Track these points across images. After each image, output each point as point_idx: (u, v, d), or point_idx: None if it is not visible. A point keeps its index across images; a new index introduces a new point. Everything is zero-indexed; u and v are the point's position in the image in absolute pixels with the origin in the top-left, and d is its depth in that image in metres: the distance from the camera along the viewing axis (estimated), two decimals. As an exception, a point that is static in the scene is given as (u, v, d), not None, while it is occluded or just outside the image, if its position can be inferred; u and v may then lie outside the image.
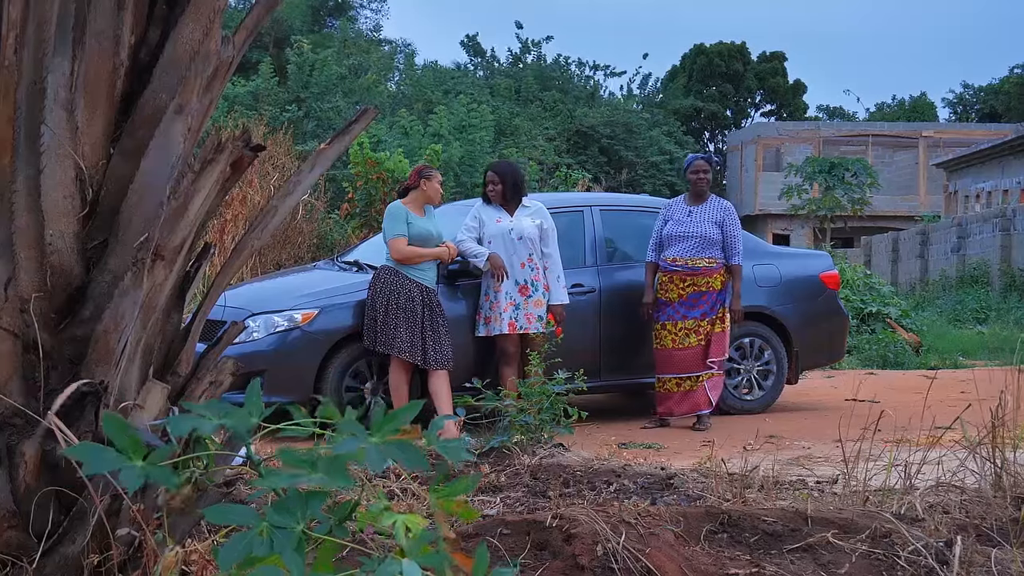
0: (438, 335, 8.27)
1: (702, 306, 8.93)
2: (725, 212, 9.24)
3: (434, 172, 8.62)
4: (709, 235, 9.07)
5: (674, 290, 9.02)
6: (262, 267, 15.47)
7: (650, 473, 5.56)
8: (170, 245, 2.93)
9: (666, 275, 9.09)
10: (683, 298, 8.99)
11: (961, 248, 31.08)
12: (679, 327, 8.94)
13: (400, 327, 8.14)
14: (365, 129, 3.67)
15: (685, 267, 9.05)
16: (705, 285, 9.02)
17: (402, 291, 8.22)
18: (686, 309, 8.94)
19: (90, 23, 2.89)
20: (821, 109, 67.48)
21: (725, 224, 9.16)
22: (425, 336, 8.20)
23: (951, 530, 3.97)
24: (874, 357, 15.35)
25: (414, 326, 8.16)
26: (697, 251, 9.07)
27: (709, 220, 9.15)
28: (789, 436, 8.26)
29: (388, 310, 8.18)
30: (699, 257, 9.06)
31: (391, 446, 2.12)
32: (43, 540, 2.77)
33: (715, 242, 9.11)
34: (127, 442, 2.21)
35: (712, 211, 9.22)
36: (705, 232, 9.07)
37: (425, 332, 8.20)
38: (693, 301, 8.97)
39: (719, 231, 9.13)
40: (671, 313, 8.99)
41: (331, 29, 47.13)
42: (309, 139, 27.78)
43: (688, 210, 9.25)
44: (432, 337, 8.22)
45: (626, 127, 45.18)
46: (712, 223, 9.13)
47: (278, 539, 2.06)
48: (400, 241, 8.31)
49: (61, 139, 2.83)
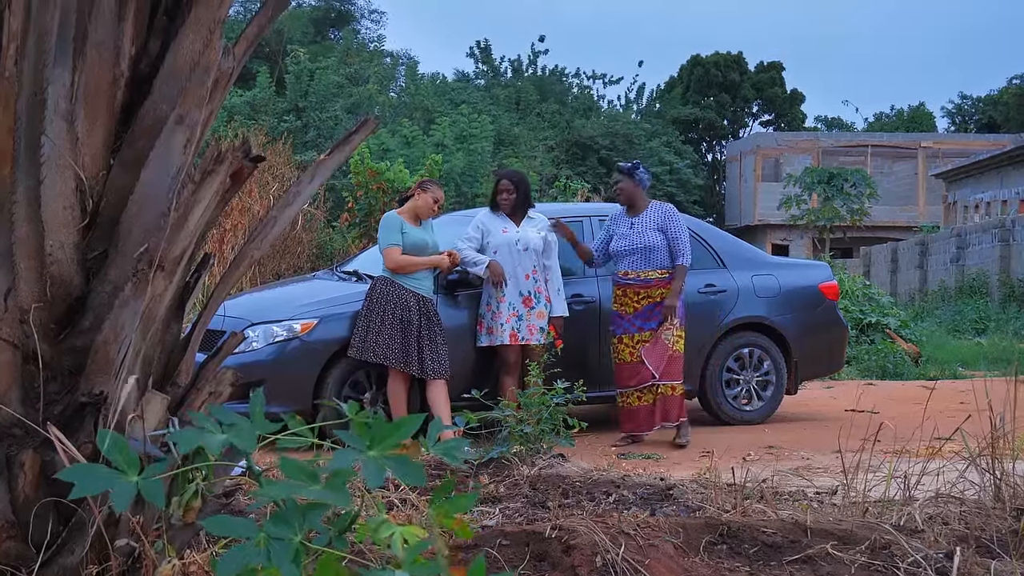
0: (435, 345, 8.25)
1: (657, 316, 8.70)
2: (666, 217, 8.92)
3: (432, 187, 8.59)
4: (652, 243, 8.78)
5: (629, 304, 8.79)
6: (261, 277, 15.48)
7: (649, 484, 5.55)
8: (170, 256, 2.93)
9: (620, 288, 8.89)
10: (638, 310, 8.75)
11: (960, 259, 31.09)
12: (635, 340, 8.72)
13: (395, 338, 8.13)
14: (365, 140, 3.67)
15: (637, 280, 8.79)
16: (660, 296, 8.74)
17: (398, 301, 8.21)
18: (642, 321, 8.72)
19: (91, 34, 2.90)
20: (819, 119, 67.61)
21: (667, 228, 8.85)
22: (421, 346, 8.18)
23: (951, 541, 3.97)
24: (873, 368, 15.34)
25: (409, 336, 8.15)
26: (645, 263, 8.80)
27: (650, 228, 8.86)
28: (788, 447, 8.25)
29: (384, 320, 8.16)
30: (649, 269, 8.79)
31: (390, 460, 2.13)
32: (42, 551, 2.77)
33: (659, 249, 8.79)
34: (122, 458, 2.22)
35: (652, 218, 8.91)
36: (648, 242, 8.79)
37: (421, 342, 8.19)
38: (648, 313, 8.73)
39: (662, 236, 8.82)
40: (627, 326, 8.77)
41: (332, 41, 47.21)
42: (309, 149, 27.79)
43: (630, 222, 8.98)
44: (429, 347, 8.21)
45: (625, 138, 45.23)
46: (653, 231, 8.83)
47: (276, 551, 2.06)
48: (394, 250, 8.30)
49: (61, 150, 2.84)
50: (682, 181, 47.18)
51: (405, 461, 2.12)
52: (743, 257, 10.19)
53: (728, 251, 10.12)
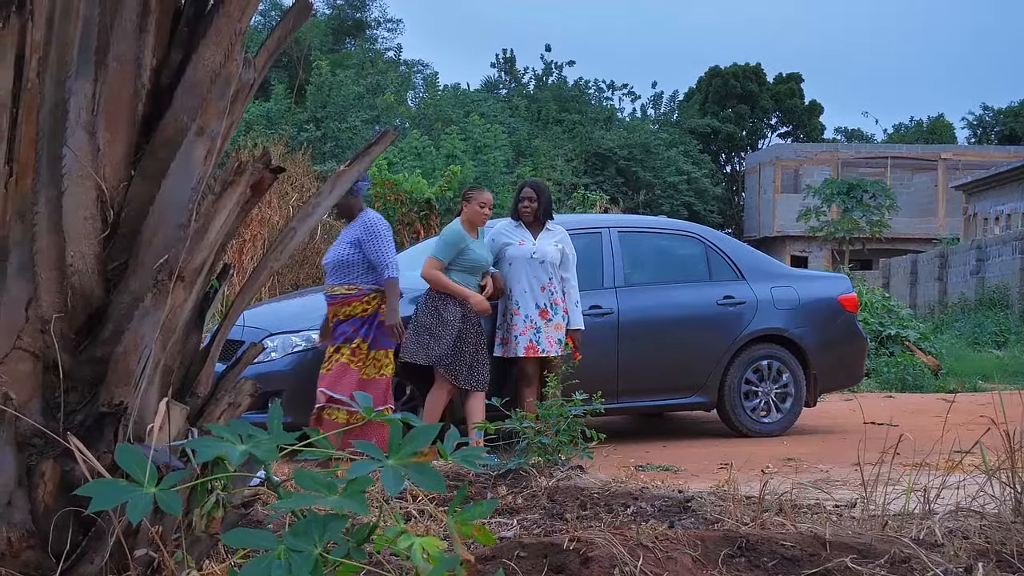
0: (479, 356, 8.28)
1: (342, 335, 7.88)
2: (363, 228, 7.94)
3: (475, 193, 8.64)
4: (343, 257, 7.90)
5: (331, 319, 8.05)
6: (280, 287, 15.52)
7: (667, 496, 5.53)
8: (190, 267, 2.94)
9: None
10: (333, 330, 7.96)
11: (980, 271, 30.96)
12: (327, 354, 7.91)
13: (451, 346, 8.15)
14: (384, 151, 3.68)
15: (328, 295, 8.08)
16: (344, 315, 7.90)
17: (457, 311, 8.23)
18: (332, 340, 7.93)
19: (112, 46, 2.91)
20: (839, 131, 67.48)
21: (363, 242, 7.89)
22: (466, 356, 8.21)
23: (971, 556, 3.95)
24: (893, 380, 15.29)
25: (463, 347, 8.18)
26: (334, 277, 8.00)
27: (344, 240, 8.04)
28: (807, 459, 8.22)
29: (444, 327, 8.18)
30: (338, 284, 7.96)
31: (409, 468, 2.13)
32: (61, 560, 2.78)
33: (352, 264, 7.89)
34: (139, 470, 2.23)
35: (351, 229, 8.05)
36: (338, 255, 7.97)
37: (466, 352, 8.21)
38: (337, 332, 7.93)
39: (356, 251, 7.91)
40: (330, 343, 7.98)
41: (349, 48, 47.33)
42: (328, 159, 27.87)
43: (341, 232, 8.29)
44: (473, 357, 8.24)
45: (644, 148, 45.21)
46: (347, 243, 7.98)
47: (295, 562, 2.06)
48: (436, 263, 8.34)
49: (83, 161, 2.85)
50: (700, 191, 47.13)
51: (425, 469, 2.12)
52: (762, 269, 10.18)
53: (747, 263, 10.11)
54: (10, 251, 2.78)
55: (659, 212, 39.81)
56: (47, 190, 2.82)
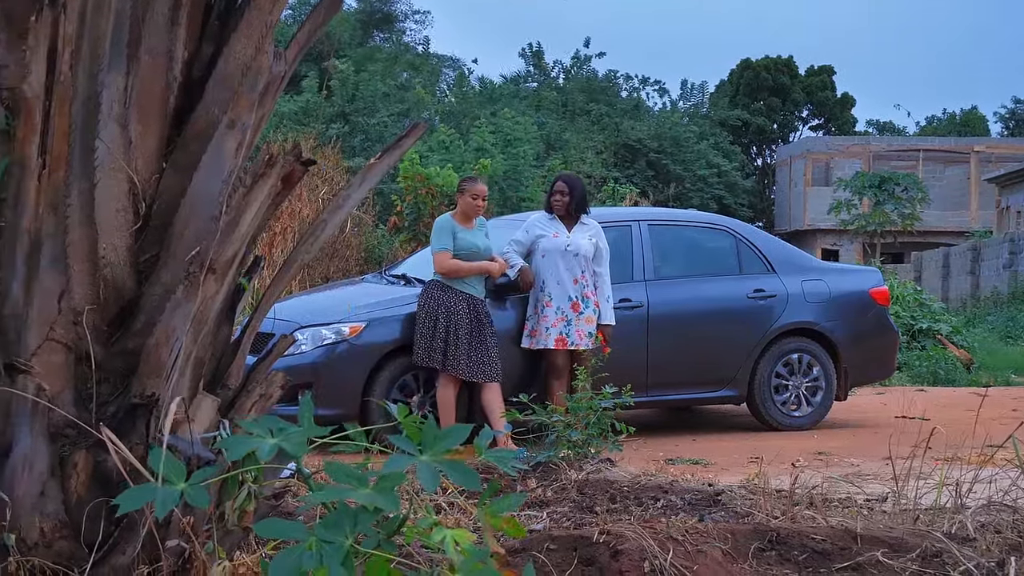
0: (486, 348, 8.25)
1: None
2: None
3: (467, 184, 8.60)
4: None
5: None
6: (310, 280, 15.56)
7: (697, 489, 5.52)
8: (221, 259, 2.95)
9: None
10: None
11: (1013, 264, 30.72)
12: None
13: (447, 342, 8.15)
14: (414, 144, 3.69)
15: None
16: None
17: (450, 305, 8.22)
18: None
19: (144, 40, 2.93)
20: (870, 124, 66.91)
21: None
22: (472, 349, 8.18)
23: (1003, 550, 3.92)
24: (924, 374, 15.20)
25: (459, 340, 8.15)
26: None
27: None
28: (838, 453, 8.18)
29: (436, 324, 8.18)
30: None
31: (445, 465, 2.13)
32: (94, 551, 2.79)
33: None
34: (168, 467, 2.25)
35: None
36: None
37: (472, 345, 8.19)
38: None
39: None
40: None
41: (379, 41, 47.33)
42: (357, 153, 27.91)
43: None
44: (480, 350, 8.21)
45: (673, 140, 44.98)
46: None
47: (327, 554, 2.07)
48: (443, 255, 8.30)
49: (115, 154, 2.86)
50: (730, 184, 46.92)
51: (460, 466, 2.12)
52: (792, 262, 10.13)
53: (777, 256, 10.06)
54: (43, 243, 2.79)
55: (689, 205, 39.62)
56: (79, 182, 2.83)
